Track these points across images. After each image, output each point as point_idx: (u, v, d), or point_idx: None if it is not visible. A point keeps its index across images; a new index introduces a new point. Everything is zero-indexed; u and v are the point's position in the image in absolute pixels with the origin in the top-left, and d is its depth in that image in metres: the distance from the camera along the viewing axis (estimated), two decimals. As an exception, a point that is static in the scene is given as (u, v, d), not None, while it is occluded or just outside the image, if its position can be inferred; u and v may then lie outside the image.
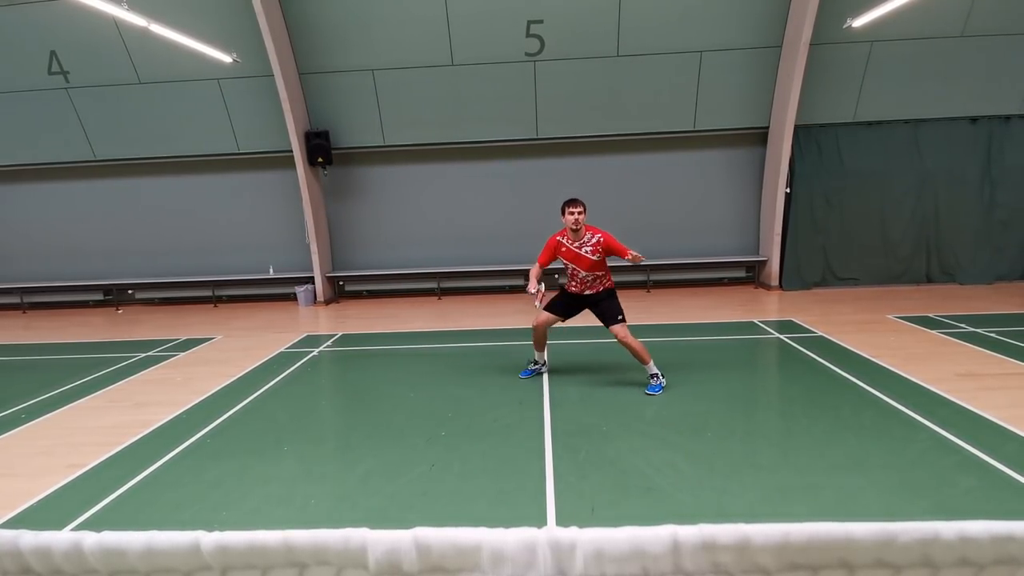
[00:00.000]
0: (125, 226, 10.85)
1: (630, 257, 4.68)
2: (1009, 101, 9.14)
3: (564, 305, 5.23)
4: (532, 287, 4.79)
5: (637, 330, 7.33)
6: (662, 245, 10.36)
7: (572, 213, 4.83)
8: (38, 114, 9.91)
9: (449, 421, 4.53)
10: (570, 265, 5.01)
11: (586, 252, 4.88)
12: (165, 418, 4.84)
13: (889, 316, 7.50)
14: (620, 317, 4.96)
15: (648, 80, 9.30)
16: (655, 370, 4.99)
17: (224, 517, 3.25)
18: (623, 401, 4.81)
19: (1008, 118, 9.23)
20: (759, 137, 9.86)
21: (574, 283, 5.12)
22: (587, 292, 5.10)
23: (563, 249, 4.98)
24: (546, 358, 5.56)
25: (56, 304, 11.05)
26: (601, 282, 5.06)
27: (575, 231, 4.87)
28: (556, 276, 10.34)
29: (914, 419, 4.21)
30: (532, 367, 5.53)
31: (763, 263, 10.08)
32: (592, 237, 4.87)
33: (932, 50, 8.82)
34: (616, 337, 4.93)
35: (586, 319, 5.40)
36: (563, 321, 5.27)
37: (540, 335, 5.31)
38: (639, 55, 9.09)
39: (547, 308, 5.18)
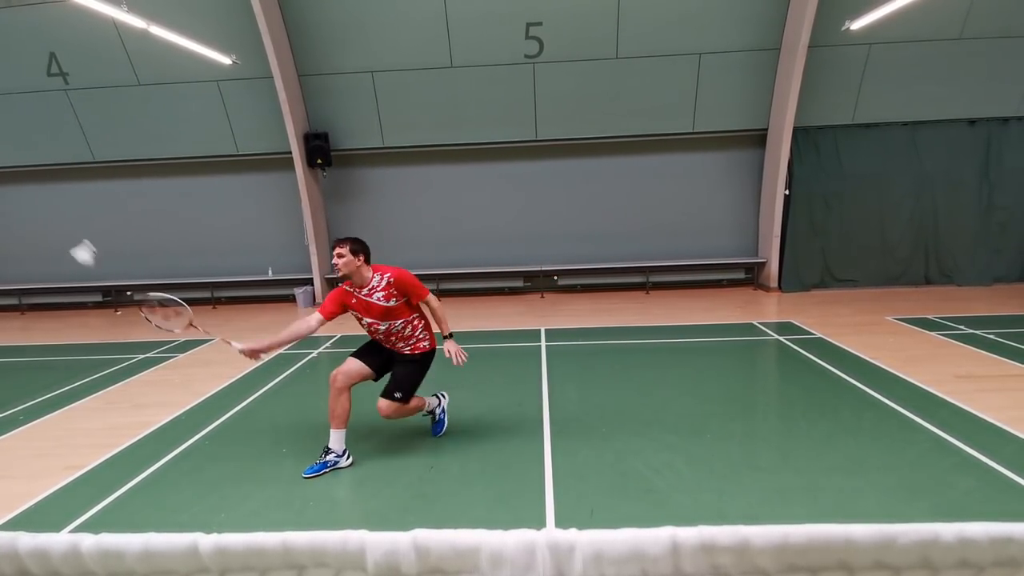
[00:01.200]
0: (124, 227, 10.84)
1: (446, 348, 3.89)
2: (1007, 103, 9.16)
3: (367, 352, 3.99)
4: (245, 347, 3.65)
5: (637, 332, 7.37)
6: (661, 246, 10.38)
7: (336, 254, 3.75)
8: (37, 115, 9.90)
9: (448, 423, 4.52)
10: (365, 320, 3.84)
11: (378, 299, 3.75)
12: (164, 420, 4.83)
13: (888, 318, 7.51)
14: (398, 395, 3.83)
15: (647, 82, 9.31)
16: (432, 407, 4.29)
17: (222, 519, 3.24)
18: (622, 403, 4.80)
19: (1006, 120, 9.25)
20: (758, 139, 9.87)
21: (382, 339, 3.92)
22: (401, 348, 3.91)
23: (353, 300, 3.82)
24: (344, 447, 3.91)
25: (55, 305, 11.03)
26: (414, 336, 3.90)
27: (349, 276, 3.80)
28: (556, 278, 10.35)
29: (913, 421, 4.21)
30: (329, 459, 3.81)
31: (762, 265, 10.08)
32: (381, 279, 3.79)
33: (930, 52, 8.84)
34: (379, 411, 3.85)
35: (587, 320, 5.39)
36: (375, 379, 3.99)
37: (339, 403, 3.80)
38: (638, 57, 9.10)
39: (356, 354, 3.96)
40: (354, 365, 3.87)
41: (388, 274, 3.82)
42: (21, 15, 8.95)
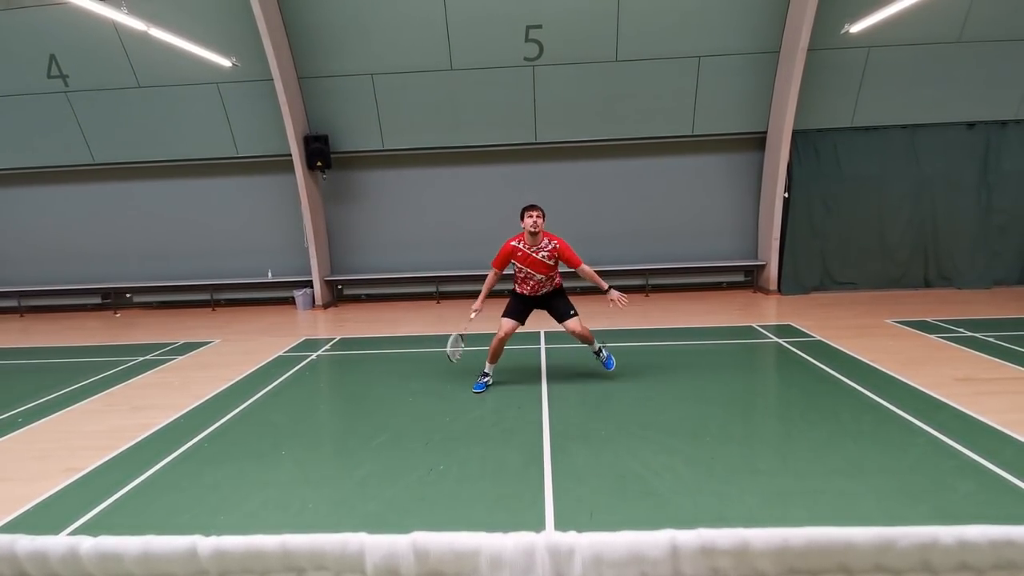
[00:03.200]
0: (123, 230, 10.84)
1: (609, 296, 5.09)
2: (1006, 106, 9.18)
3: (520, 310, 5.27)
4: (475, 309, 5.09)
5: (637, 334, 7.37)
6: (661, 249, 10.38)
7: (531, 216, 4.94)
8: (37, 117, 9.91)
9: (447, 425, 4.52)
10: (525, 270, 5.08)
11: (542, 257, 5.00)
12: (163, 422, 4.83)
13: (887, 320, 7.51)
14: (572, 312, 5.21)
15: (647, 85, 9.33)
16: (598, 345, 5.41)
17: (221, 521, 3.24)
18: (622, 405, 4.80)
19: (1005, 123, 9.27)
20: (757, 142, 9.89)
21: (526, 287, 5.20)
22: (540, 293, 5.22)
23: (519, 254, 5.04)
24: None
25: (54, 307, 11.03)
26: (552, 282, 5.21)
27: (533, 235, 4.96)
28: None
29: (913, 424, 4.21)
30: (486, 380, 5.36)
31: (761, 267, 10.09)
32: (548, 243, 5.01)
33: (929, 56, 8.86)
34: (572, 333, 5.19)
35: (587, 322, 5.39)
36: (522, 326, 5.33)
37: (501, 346, 5.26)
38: (638, 60, 9.12)
39: (507, 315, 5.25)
40: (509, 324, 5.18)
41: (555, 242, 5.02)
42: (21, 17, 8.96)
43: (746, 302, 9.30)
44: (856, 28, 7.38)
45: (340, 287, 10.82)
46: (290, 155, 9.69)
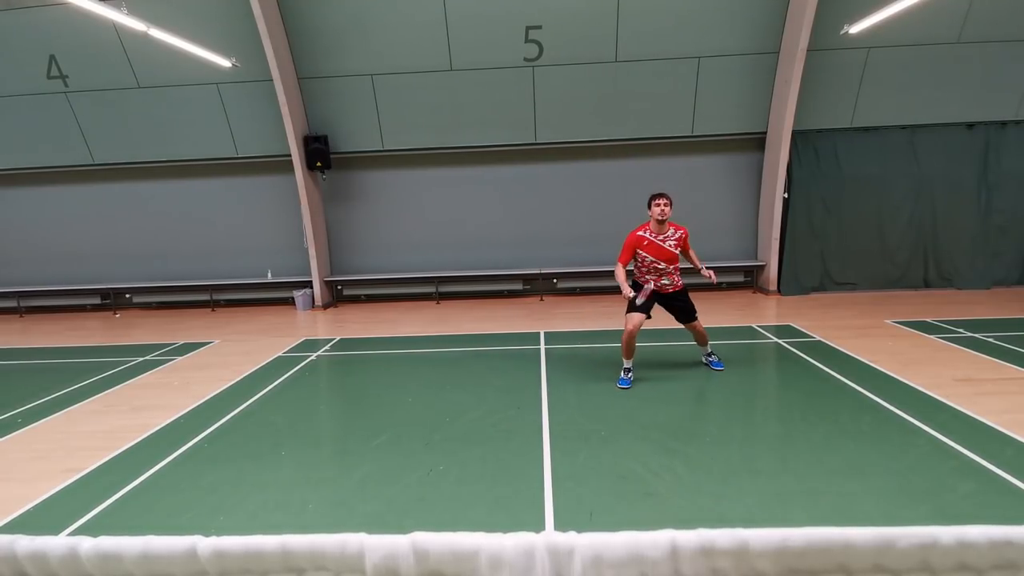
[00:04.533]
0: (123, 230, 10.84)
1: (704, 272, 5.25)
2: (1005, 107, 9.18)
3: (647, 304, 5.25)
4: (630, 292, 4.92)
5: (639, 335, 7.35)
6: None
7: (659, 204, 4.98)
8: (37, 118, 9.91)
9: (447, 426, 4.52)
10: (650, 259, 5.13)
11: (670, 246, 5.10)
12: (162, 422, 4.83)
13: (887, 321, 7.51)
14: (695, 313, 5.43)
15: (646, 85, 9.33)
16: (710, 347, 5.67)
17: (221, 522, 3.24)
18: (621, 406, 4.80)
19: (1004, 124, 9.28)
20: (757, 142, 9.89)
21: (652, 277, 5.25)
22: (667, 287, 5.29)
23: (645, 243, 5.09)
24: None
25: (53, 308, 11.03)
26: (677, 276, 5.32)
27: (660, 223, 5.02)
28: (555, 281, 10.36)
29: (912, 424, 4.21)
30: (629, 376, 5.29)
31: (761, 268, 10.09)
32: (675, 232, 5.13)
33: (929, 56, 8.87)
34: (694, 332, 5.50)
35: (586, 323, 5.39)
36: (649, 319, 5.33)
37: (633, 340, 5.20)
38: (637, 61, 9.12)
39: (634, 309, 5.17)
40: (638, 317, 5.14)
41: (680, 231, 5.16)
42: (21, 17, 8.96)
43: (746, 302, 9.30)
44: (856, 29, 7.38)
45: (340, 287, 10.81)
46: (290, 155, 9.69)
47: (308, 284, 10.43)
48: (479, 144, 10.04)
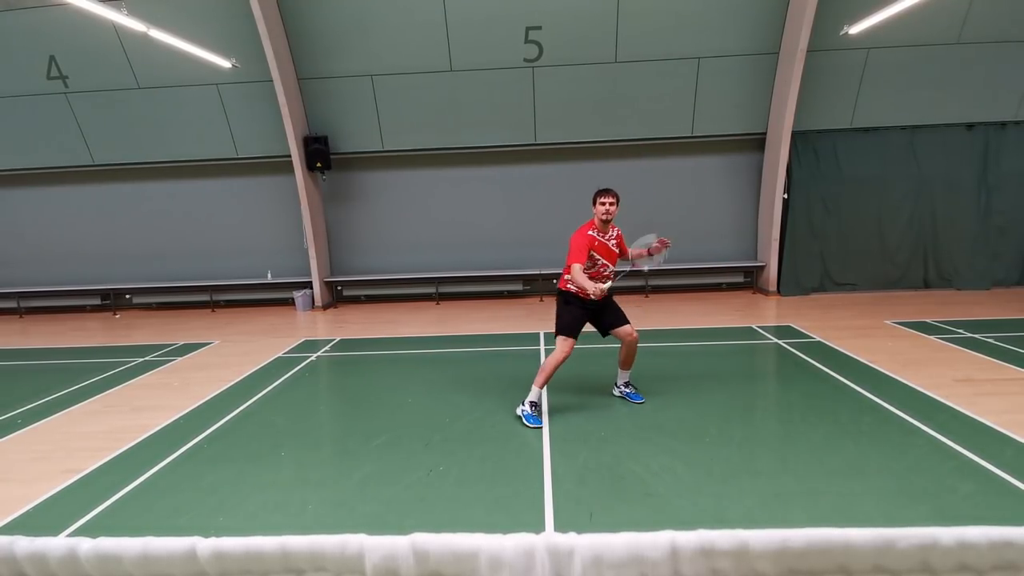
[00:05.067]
0: (123, 230, 10.85)
1: (657, 244, 4.63)
2: (1005, 108, 9.19)
3: (580, 323, 4.57)
4: (602, 288, 4.19)
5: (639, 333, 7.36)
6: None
7: (605, 203, 4.41)
8: (37, 119, 9.91)
9: (447, 427, 4.52)
10: (601, 261, 4.51)
11: (613, 246, 4.58)
12: (162, 423, 4.82)
13: (887, 321, 7.51)
14: (626, 318, 4.68)
15: (646, 86, 9.34)
16: (629, 376, 4.97)
17: (221, 523, 3.24)
18: (621, 407, 4.80)
19: (1004, 125, 9.28)
20: (757, 143, 9.89)
21: (598, 287, 4.34)
22: (605, 287, 4.43)
23: (596, 243, 4.46)
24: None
25: (53, 309, 11.03)
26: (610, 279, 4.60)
27: (605, 223, 4.47)
28: (555, 281, 10.35)
29: (912, 424, 4.21)
30: (535, 411, 4.52)
31: (761, 268, 10.09)
32: (614, 231, 4.61)
33: (928, 57, 8.87)
34: (627, 339, 4.64)
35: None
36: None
37: (557, 370, 4.52)
38: (637, 61, 9.12)
39: (568, 333, 4.50)
40: (570, 344, 4.50)
41: (617, 229, 4.65)
42: (21, 18, 8.96)
43: (746, 303, 9.30)
44: (855, 29, 7.38)
45: (340, 288, 10.81)
46: (290, 156, 9.69)
47: (308, 285, 10.43)
48: (479, 145, 10.04)
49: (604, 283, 4.41)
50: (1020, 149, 9.28)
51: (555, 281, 10.34)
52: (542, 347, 6.90)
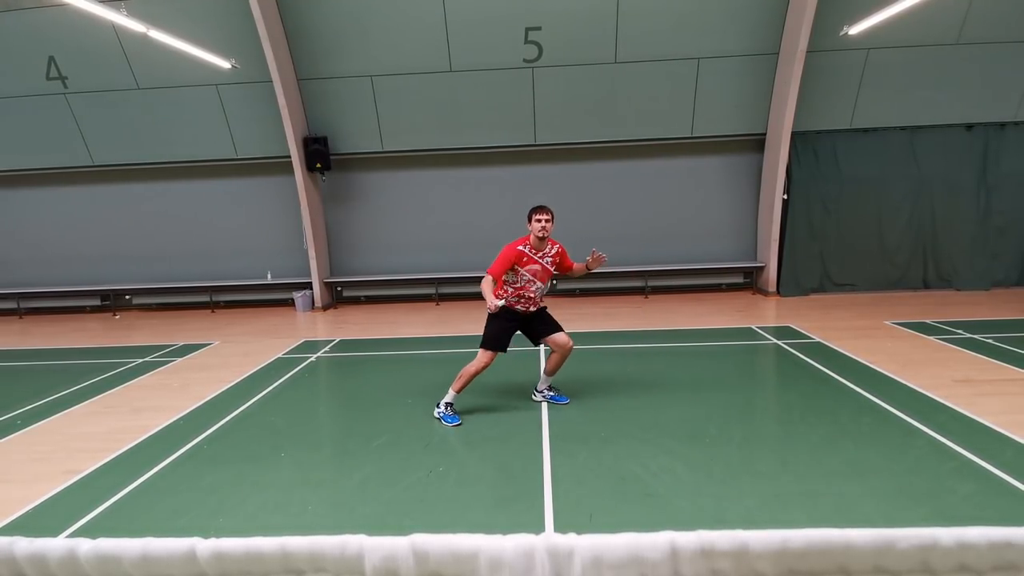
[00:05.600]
0: (123, 231, 10.84)
1: (592, 260, 4.57)
2: (1004, 108, 9.19)
3: (506, 339, 4.53)
4: (496, 303, 4.13)
5: (636, 336, 7.37)
6: (660, 251, 10.39)
7: (540, 220, 4.36)
8: (36, 119, 9.91)
9: (446, 427, 4.51)
10: (527, 278, 4.44)
11: (547, 263, 4.51)
12: (162, 424, 4.82)
13: (886, 322, 7.51)
14: (561, 327, 4.69)
15: (646, 87, 9.34)
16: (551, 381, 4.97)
17: (221, 524, 3.24)
18: (620, 407, 4.80)
19: (1003, 125, 9.28)
20: (756, 144, 9.90)
21: (522, 301, 4.51)
22: (531, 309, 4.58)
23: (525, 259, 4.40)
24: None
25: (53, 309, 11.02)
26: (541, 298, 4.65)
27: (541, 239, 4.43)
28: (554, 282, 10.36)
29: (912, 425, 4.21)
30: (452, 411, 4.63)
31: (760, 269, 10.10)
32: (552, 248, 4.56)
33: (928, 58, 8.88)
34: (564, 347, 4.61)
35: (586, 324, 5.39)
36: (503, 353, 4.62)
37: (474, 378, 4.61)
38: (637, 62, 9.13)
39: (491, 346, 4.48)
40: (488, 357, 4.50)
41: (558, 246, 4.61)
42: (20, 18, 8.96)
43: (745, 304, 9.31)
44: (855, 30, 7.39)
45: (339, 289, 10.81)
46: (289, 157, 9.69)
47: (308, 285, 10.42)
48: (479, 145, 10.04)
49: (529, 308, 4.54)
50: (1019, 150, 9.29)
51: (554, 282, 10.37)
52: (541, 348, 6.89)
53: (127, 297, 10.85)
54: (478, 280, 11.27)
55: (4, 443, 4.58)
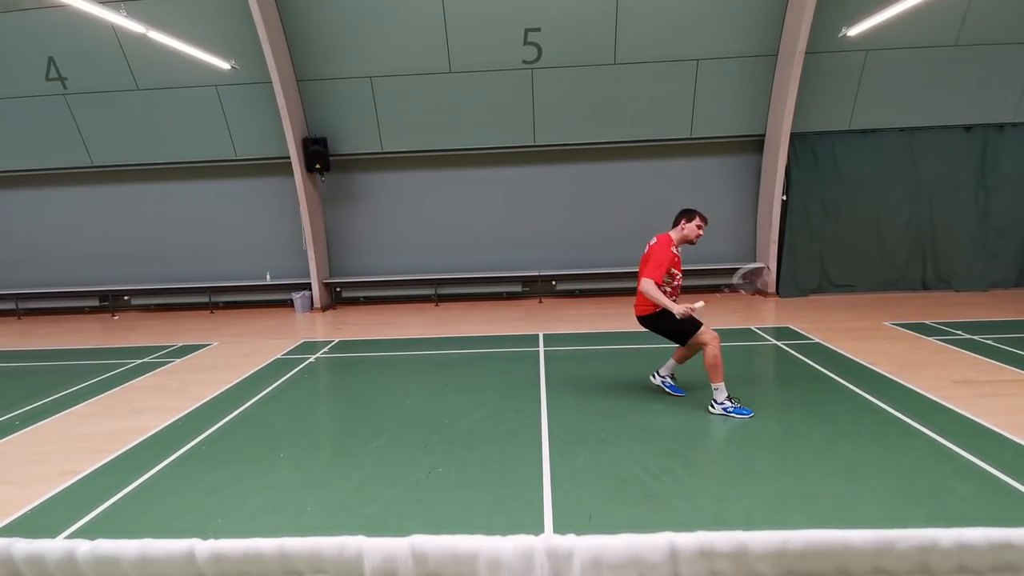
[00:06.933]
0: (122, 232, 10.84)
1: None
2: (1003, 109, 9.20)
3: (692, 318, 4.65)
4: (688, 308, 4.34)
5: (635, 336, 7.37)
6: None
7: (702, 227, 4.67)
8: (35, 120, 9.90)
9: (446, 428, 4.51)
10: (677, 276, 4.70)
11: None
12: (161, 425, 4.81)
13: (886, 323, 7.52)
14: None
15: (645, 88, 9.35)
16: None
17: (219, 525, 3.23)
18: (620, 408, 4.80)
19: (1002, 126, 9.30)
20: (755, 145, 9.91)
21: (675, 295, 4.71)
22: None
23: (677, 260, 4.66)
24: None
25: (52, 310, 11.01)
26: None
27: (690, 243, 4.74)
28: (554, 283, 10.37)
29: (911, 426, 4.21)
30: (738, 403, 4.67)
31: (760, 270, 10.09)
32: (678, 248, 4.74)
33: (926, 59, 8.89)
34: (700, 343, 4.67)
35: (585, 325, 5.39)
36: None
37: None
38: (636, 63, 9.13)
39: (699, 325, 4.64)
40: (714, 334, 4.59)
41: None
42: (20, 19, 8.96)
43: (744, 304, 9.31)
44: (854, 31, 7.39)
45: (338, 289, 10.81)
46: (289, 158, 9.69)
47: (307, 286, 10.42)
48: (478, 146, 10.05)
49: (682, 303, 4.48)
50: (1018, 150, 9.30)
51: (554, 283, 10.38)
52: (541, 348, 6.90)
53: (126, 298, 10.84)
54: (478, 281, 11.29)
55: (3, 444, 4.57)
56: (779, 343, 6.78)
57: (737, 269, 4.81)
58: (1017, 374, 5.28)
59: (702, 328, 4.59)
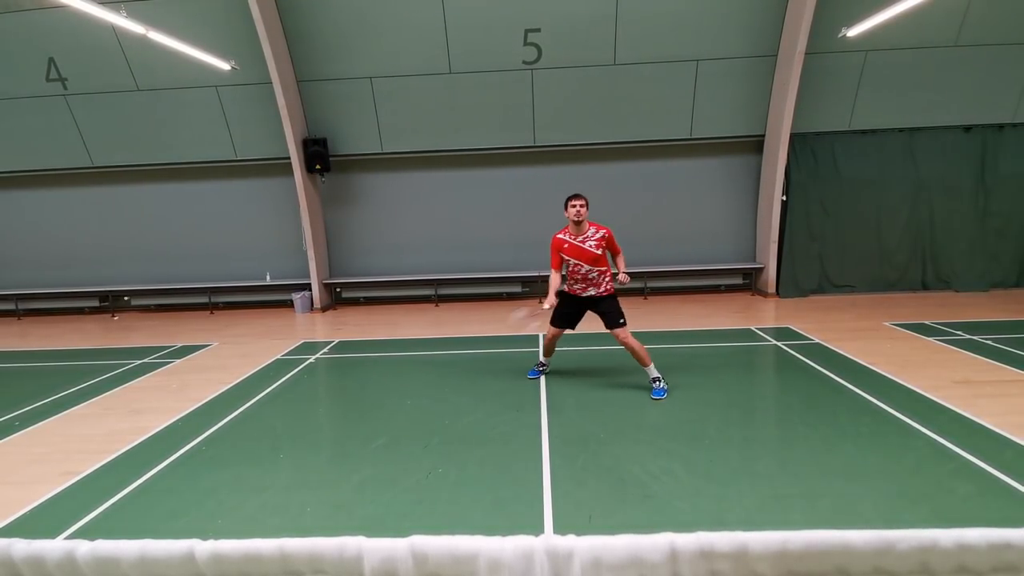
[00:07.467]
0: (122, 232, 10.84)
1: (620, 277, 5.10)
2: (1002, 110, 9.21)
3: (568, 315, 5.31)
4: (550, 301, 4.90)
5: (635, 337, 7.35)
6: (659, 252, 10.39)
7: (575, 205, 5.00)
8: (36, 121, 9.90)
9: (446, 428, 4.51)
10: (572, 261, 5.07)
11: (589, 246, 5.00)
12: (160, 425, 4.81)
13: (885, 323, 7.52)
14: (622, 320, 5.06)
15: (645, 88, 9.35)
16: (656, 373, 5.08)
17: (219, 525, 3.23)
18: (620, 408, 4.80)
19: (1001, 127, 9.30)
20: (755, 145, 9.91)
21: (576, 282, 5.16)
22: (590, 292, 5.13)
23: (566, 245, 5.07)
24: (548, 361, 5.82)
25: (51, 311, 11.01)
26: (602, 281, 5.11)
27: (577, 223, 5.00)
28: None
29: (911, 426, 4.21)
30: (539, 368, 5.75)
31: (760, 270, 10.10)
32: (596, 232, 5.06)
33: (926, 59, 8.89)
34: (618, 341, 5.07)
35: (585, 325, 5.40)
36: (571, 330, 5.42)
37: (553, 344, 5.58)
38: (636, 64, 9.14)
39: (553, 322, 5.34)
40: (553, 331, 5.41)
41: (602, 231, 5.08)
42: (20, 20, 8.96)
43: (744, 305, 9.31)
44: (853, 32, 7.39)
45: (338, 290, 10.81)
46: (289, 158, 9.69)
47: (307, 287, 10.42)
48: (478, 147, 10.05)
49: (588, 289, 5.13)
50: (1018, 151, 9.31)
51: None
52: (541, 349, 6.89)
53: (126, 298, 10.84)
54: (478, 281, 11.31)
55: (2, 444, 4.57)
56: (779, 343, 6.78)
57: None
58: (1017, 374, 5.29)
59: (551, 325, 5.39)
